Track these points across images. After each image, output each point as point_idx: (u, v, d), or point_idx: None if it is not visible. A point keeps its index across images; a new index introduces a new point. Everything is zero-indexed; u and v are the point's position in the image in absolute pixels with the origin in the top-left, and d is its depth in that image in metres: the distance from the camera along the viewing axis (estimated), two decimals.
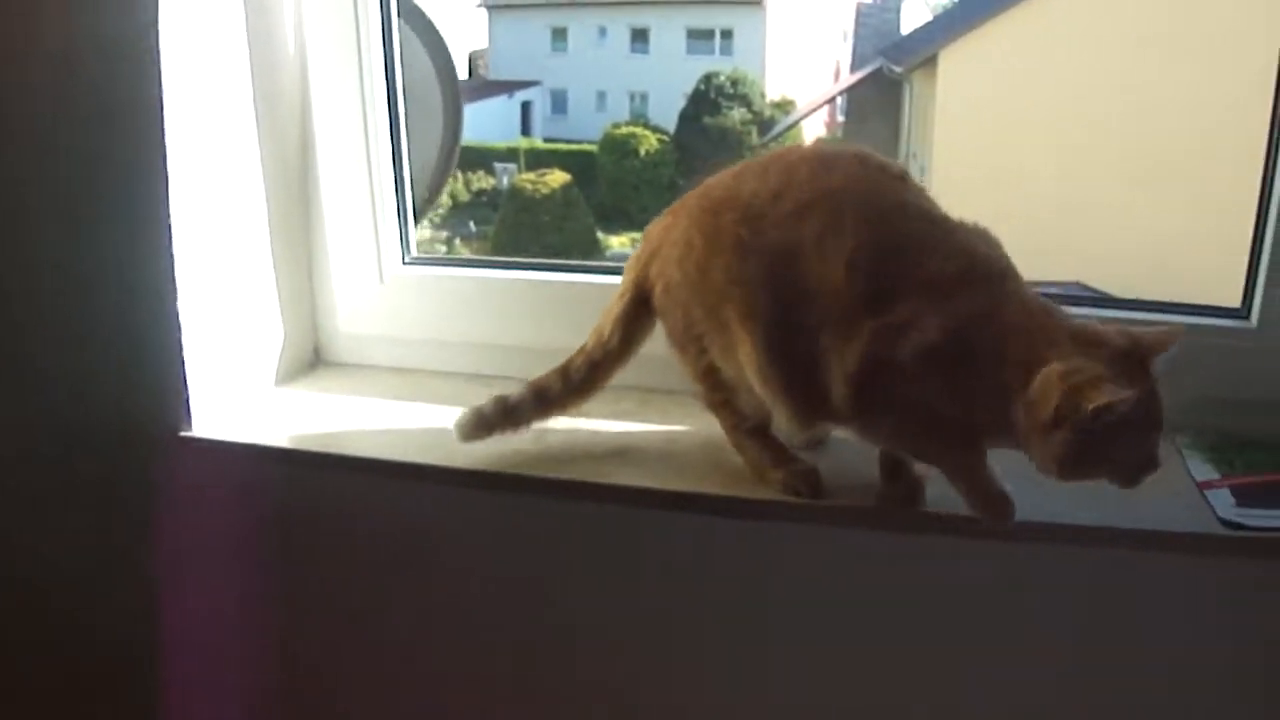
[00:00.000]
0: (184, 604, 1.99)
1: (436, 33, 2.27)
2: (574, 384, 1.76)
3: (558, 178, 5.42)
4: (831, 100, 5.78)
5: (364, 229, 2.05)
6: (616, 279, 1.78)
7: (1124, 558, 1.67)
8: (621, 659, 1.93)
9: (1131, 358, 1.40)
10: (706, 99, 5.81)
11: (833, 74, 5.97)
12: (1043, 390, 1.37)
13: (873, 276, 1.47)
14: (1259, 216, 1.83)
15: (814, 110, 5.74)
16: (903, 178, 1.56)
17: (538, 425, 1.77)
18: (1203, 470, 1.72)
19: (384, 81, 2.02)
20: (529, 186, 5.56)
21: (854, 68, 5.70)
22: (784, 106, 5.87)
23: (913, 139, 5.01)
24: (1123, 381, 1.35)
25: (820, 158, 1.57)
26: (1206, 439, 1.81)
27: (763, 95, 5.83)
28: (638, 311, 1.73)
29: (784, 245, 1.52)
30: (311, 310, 2.07)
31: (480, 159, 5.94)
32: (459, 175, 5.70)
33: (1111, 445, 1.38)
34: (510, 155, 6.11)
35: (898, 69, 5.11)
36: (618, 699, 1.96)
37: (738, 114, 5.77)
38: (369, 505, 1.92)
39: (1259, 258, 1.83)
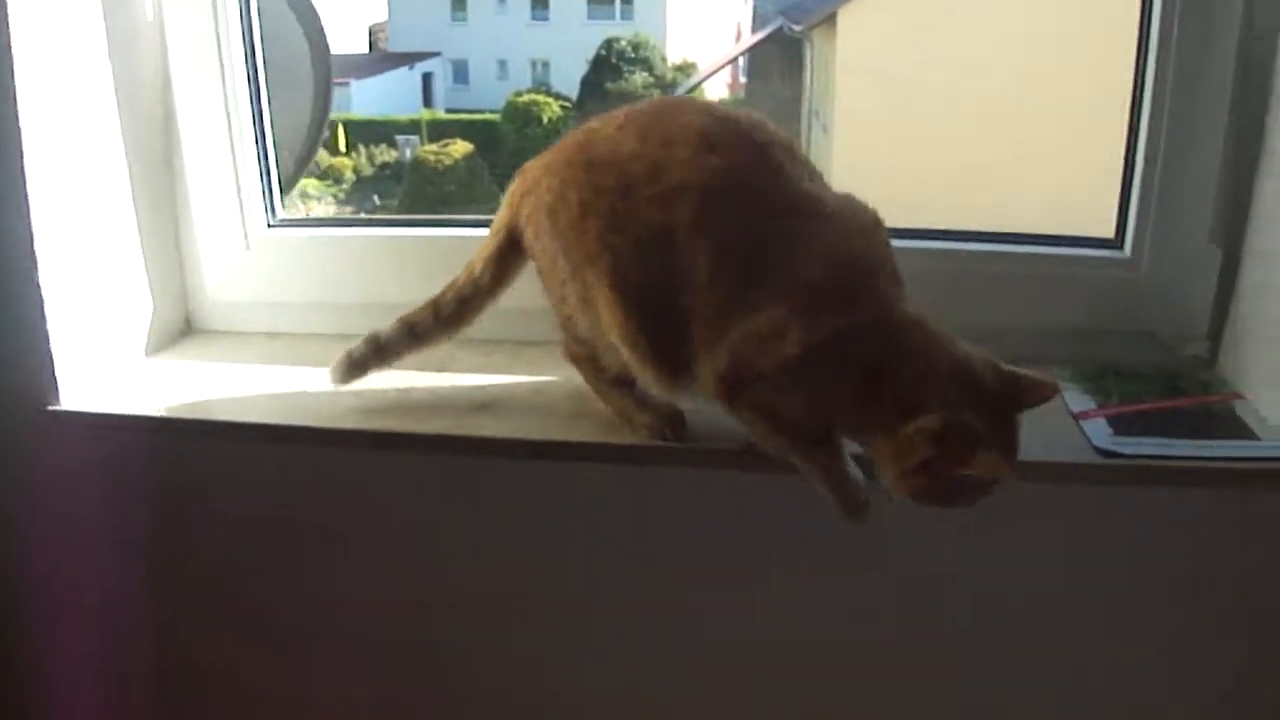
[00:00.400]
0: (58, 579, 1.97)
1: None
2: (444, 318, 1.73)
3: (460, 148, 5.38)
4: (733, 61, 5.77)
5: (228, 195, 2.00)
6: (483, 232, 1.75)
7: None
8: (503, 607, 1.92)
9: (1005, 404, 1.41)
10: (608, 64, 5.79)
11: (734, 35, 5.96)
12: (915, 441, 1.37)
13: (740, 279, 1.45)
14: (1128, 150, 1.85)
15: (715, 72, 5.73)
16: (789, 153, 1.53)
17: (409, 361, 1.77)
18: (1080, 402, 1.73)
19: (243, 48, 1.97)
20: (431, 158, 5.52)
21: (754, 28, 5.68)
22: (686, 69, 5.86)
23: (815, 96, 5.01)
24: (992, 432, 1.36)
25: (704, 134, 1.50)
26: (1086, 371, 1.82)
27: (664, 59, 5.81)
28: (510, 249, 1.70)
29: (656, 225, 1.49)
30: (180, 278, 2.03)
31: (382, 132, 5.90)
32: (362, 149, 5.66)
33: (966, 487, 1.40)
34: (412, 127, 6.07)
35: (798, 28, 5.11)
36: (503, 648, 1.95)
37: (640, 78, 5.75)
38: (243, 470, 1.89)
39: (1130, 189, 1.85)
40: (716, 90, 5.86)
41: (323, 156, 5.14)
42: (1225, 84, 1.74)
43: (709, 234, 1.45)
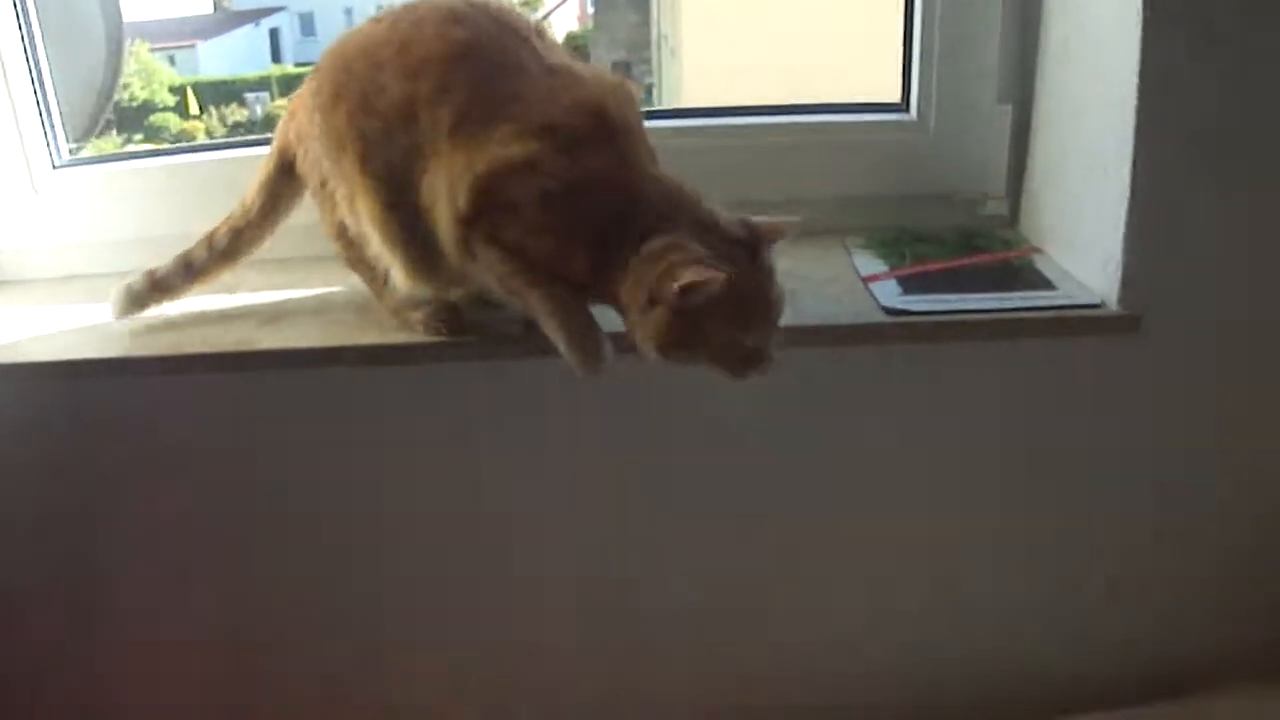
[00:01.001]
0: None
1: None
2: (219, 251, 1.72)
3: None
4: None
5: (8, 141, 1.94)
6: (250, 151, 1.79)
7: (793, 355, 1.65)
8: (325, 516, 1.89)
9: (745, 246, 1.39)
10: None
11: None
12: (639, 269, 1.36)
13: (481, 121, 1.44)
14: (907, 11, 1.85)
15: (562, 3, 5.69)
16: (538, 32, 1.53)
17: (191, 294, 1.75)
18: (871, 266, 1.73)
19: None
20: (283, 112, 5.46)
21: None
22: (532, 3, 5.81)
23: (662, 22, 5.02)
24: (725, 267, 1.33)
25: (452, 11, 1.50)
26: (879, 237, 1.83)
27: None
28: (281, 177, 1.69)
29: (402, 101, 1.48)
30: None
31: (232, 92, 5.80)
32: (213, 111, 5.57)
33: (708, 329, 1.37)
34: (262, 84, 5.98)
35: None
36: (327, 557, 1.92)
37: None
38: (48, 409, 1.83)
39: (910, 51, 1.85)
40: (566, 23, 5.82)
41: (174, 121, 5.05)
42: None
43: (452, 95, 1.44)
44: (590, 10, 5.66)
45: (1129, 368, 1.70)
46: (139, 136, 3.40)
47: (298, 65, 6.19)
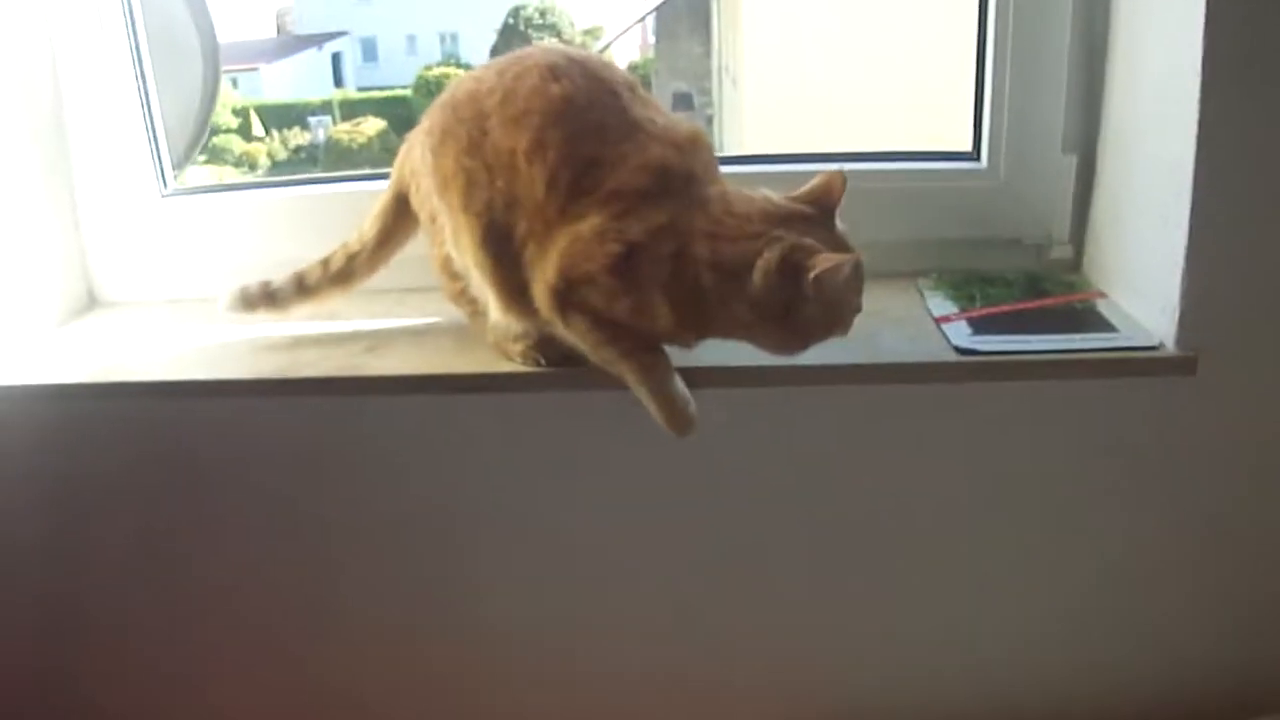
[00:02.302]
0: None
1: None
2: (332, 274, 1.86)
3: (373, 126, 5.41)
4: (641, 22, 5.83)
5: (120, 170, 2.09)
6: (369, 185, 1.93)
7: (864, 392, 1.80)
8: (416, 536, 2.02)
9: (818, 220, 1.54)
10: (516, 32, 5.83)
11: None
12: (764, 282, 1.49)
13: (569, 196, 1.57)
14: (978, 66, 1.98)
15: (623, 34, 5.79)
16: (629, 86, 1.66)
17: (301, 311, 1.89)
18: (943, 307, 1.85)
19: (124, 23, 2.06)
20: (345, 137, 5.56)
21: None
22: (594, 33, 5.91)
23: (723, 51, 5.08)
24: (828, 245, 1.48)
25: (552, 68, 1.63)
26: (950, 279, 1.95)
27: (572, 24, 5.85)
28: (397, 208, 1.83)
29: (503, 150, 1.61)
30: (81, 255, 2.12)
31: (294, 115, 5.92)
32: (275, 134, 5.68)
33: (840, 305, 1.53)
34: (325, 108, 6.09)
35: None
36: (414, 578, 2.05)
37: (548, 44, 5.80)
38: (153, 428, 1.96)
39: (982, 103, 1.98)
40: (627, 53, 5.91)
41: (237, 143, 5.18)
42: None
43: (546, 155, 1.57)
44: (652, 40, 5.77)
45: (1186, 407, 1.79)
46: (202, 158, 3.54)
47: (360, 89, 6.33)
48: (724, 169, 1.67)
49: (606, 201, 1.55)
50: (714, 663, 2.05)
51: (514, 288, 1.65)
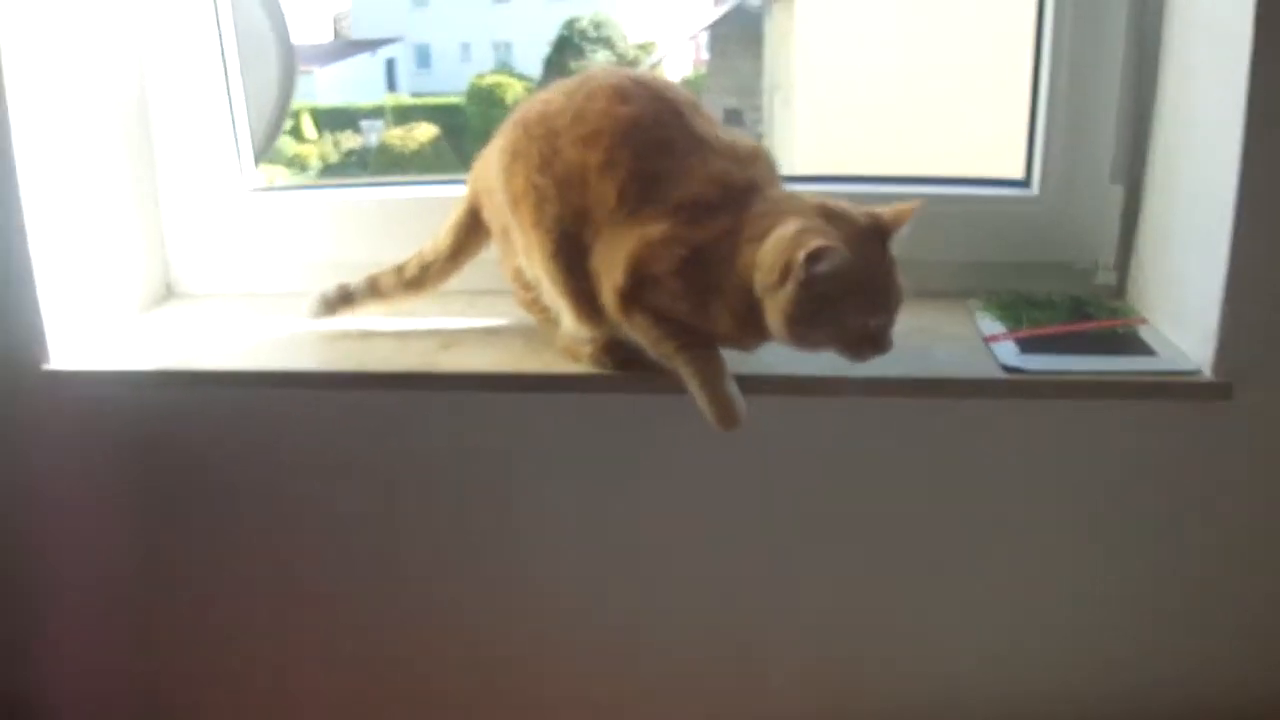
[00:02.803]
0: (58, 535, 2.15)
1: None
2: (406, 280, 1.99)
3: (425, 131, 5.50)
4: (693, 38, 5.92)
5: (205, 166, 2.22)
6: (440, 190, 2.08)
7: (916, 405, 1.91)
8: (468, 528, 2.13)
9: (872, 234, 1.62)
10: (570, 44, 5.91)
11: (694, 12, 6.09)
12: (770, 250, 1.59)
13: (638, 206, 1.69)
14: (1032, 98, 2.09)
15: (676, 48, 5.89)
16: (692, 106, 1.77)
17: (374, 312, 2.02)
18: (992, 327, 1.96)
19: (214, 27, 2.19)
20: (397, 142, 5.66)
21: (715, 4, 5.81)
22: (647, 48, 5.99)
23: (775, 69, 5.14)
24: (857, 251, 1.55)
25: (619, 89, 1.75)
26: (999, 299, 2.05)
27: (625, 37, 5.93)
28: (471, 220, 1.96)
29: (574, 166, 1.73)
30: (161, 246, 2.24)
31: (347, 119, 6.02)
32: (327, 137, 5.79)
33: (836, 306, 1.58)
34: (377, 113, 6.19)
35: (757, 2, 5.24)
36: (476, 572, 2.16)
37: (602, 56, 5.87)
38: (229, 416, 2.08)
39: (1034, 131, 2.08)
40: (679, 67, 5.99)
41: (289, 144, 5.27)
42: (1119, 37, 1.97)
43: (617, 172, 1.69)
44: (704, 55, 5.86)
45: (1221, 431, 1.89)
46: None
47: (412, 95, 6.43)
48: (807, 187, 1.79)
49: (673, 211, 1.66)
50: (763, 655, 2.16)
51: (585, 297, 1.76)
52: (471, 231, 1.96)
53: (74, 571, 2.18)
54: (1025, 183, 2.11)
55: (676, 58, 5.85)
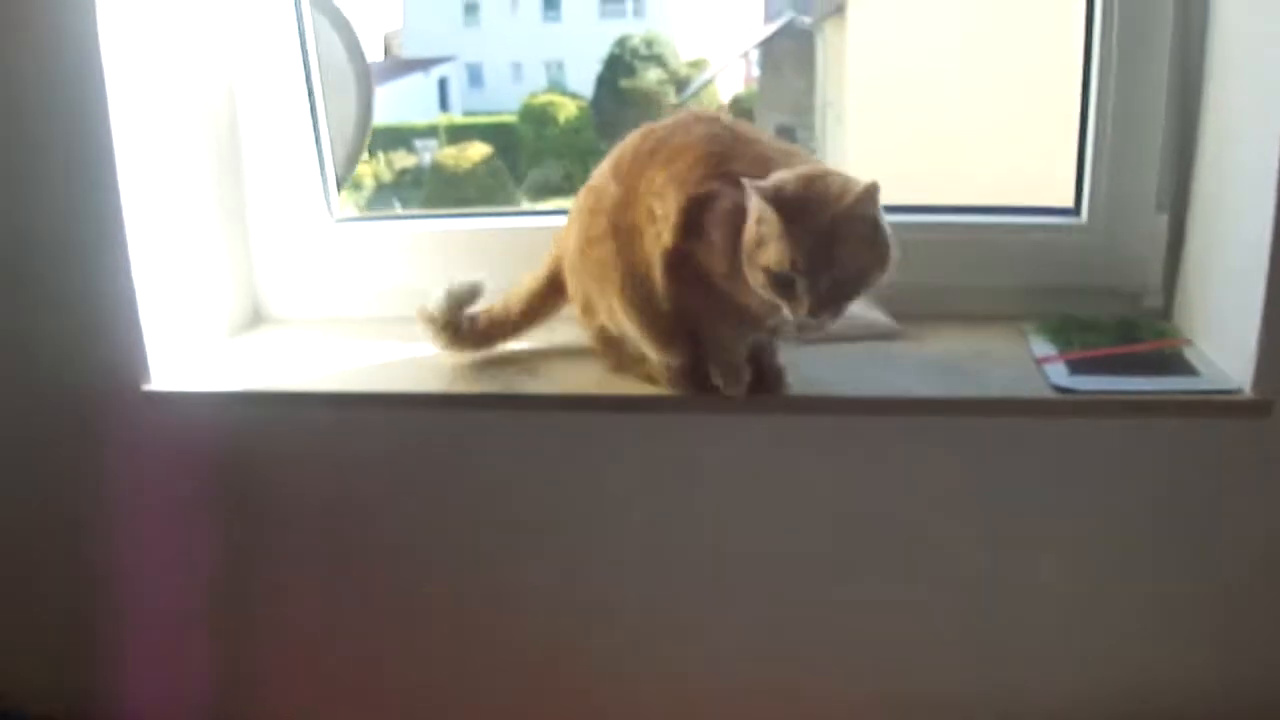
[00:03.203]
0: (152, 548, 2.30)
1: (344, 17, 2.52)
2: (476, 331, 2.15)
3: (479, 151, 5.59)
4: (745, 55, 5.99)
5: (291, 194, 2.38)
6: (516, 221, 2.29)
7: (971, 424, 2.04)
8: (550, 542, 2.27)
9: (820, 204, 1.66)
10: (622, 62, 5.99)
11: (745, 29, 6.18)
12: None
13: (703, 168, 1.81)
14: (1081, 131, 2.21)
15: (727, 66, 5.96)
16: (755, 141, 1.85)
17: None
18: (1044, 349, 2.08)
19: (300, 61, 2.35)
20: (451, 162, 5.75)
21: (766, 21, 5.90)
22: (699, 65, 6.06)
23: (827, 87, 5.22)
24: (783, 207, 1.63)
25: (686, 120, 1.88)
26: (1051, 323, 2.17)
27: (677, 55, 6.01)
28: (549, 291, 2.12)
29: (629, 227, 1.89)
30: (249, 272, 2.39)
31: (400, 138, 6.12)
32: (381, 156, 5.89)
33: (751, 255, 1.69)
34: (430, 132, 6.28)
35: (808, 20, 5.33)
36: (565, 589, 2.29)
37: (654, 75, 5.96)
38: (320, 438, 2.20)
39: (1084, 162, 2.20)
40: (731, 85, 6.06)
41: None
42: (1163, 68, 2.09)
43: (686, 156, 1.84)
44: (755, 73, 5.94)
45: (1262, 449, 2.00)
46: None
47: (465, 114, 6.52)
48: None
49: (720, 178, 1.78)
50: (812, 665, 2.28)
51: (665, 331, 1.90)
52: (549, 300, 2.11)
53: (161, 581, 2.33)
54: (1075, 211, 2.23)
55: (728, 75, 5.93)
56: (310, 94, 2.37)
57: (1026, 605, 2.17)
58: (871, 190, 1.62)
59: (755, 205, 1.65)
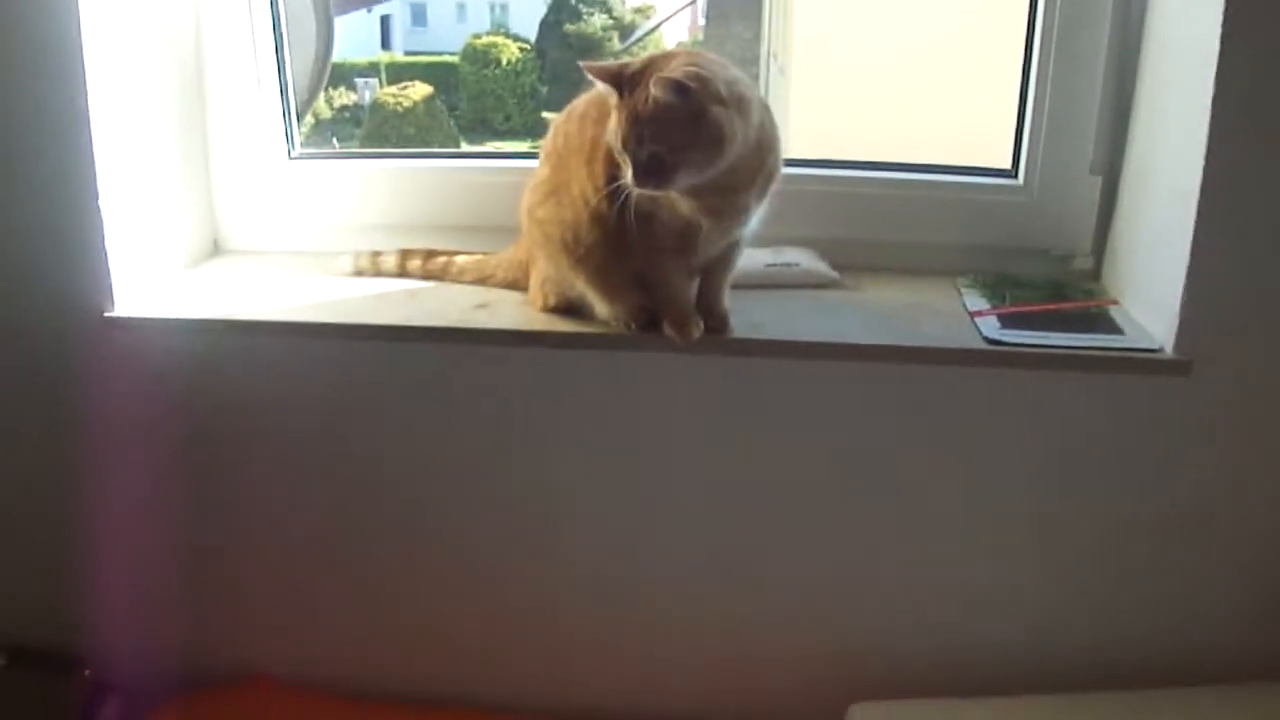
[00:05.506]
0: (115, 471, 2.37)
1: None
2: (426, 269, 2.34)
3: (419, 90, 5.62)
4: (692, 3, 6.05)
5: (252, 130, 2.46)
6: (464, 163, 2.50)
7: (906, 371, 2.16)
8: (495, 472, 2.37)
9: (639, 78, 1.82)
10: (567, 6, 6.02)
11: None
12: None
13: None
14: (1020, 96, 2.35)
15: (674, 15, 6.03)
16: None
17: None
18: (977, 303, 2.22)
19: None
20: (391, 100, 5.80)
21: None
22: (645, 11, 6.11)
23: (773, 39, 5.31)
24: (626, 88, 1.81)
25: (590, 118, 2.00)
26: (984, 279, 2.32)
27: (623, 1, 6.08)
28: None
29: (563, 184, 2.03)
30: (209, 204, 2.49)
31: (341, 75, 6.15)
32: (321, 93, 5.93)
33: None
34: (371, 70, 6.31)
35: None
36: (507, 512, 2.39)
37: (599, 20, 6.01)
38: (276, 364, 2.30)
39: (1022, 126, 2.35)
40: (677, 33, 6.13)
41: None
42: (1102, 40, 2.22)
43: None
44: (701, 22, 6.02)
45: (1181, 404, 2.12)
46: None
47: (407, 54, 6.55)
48: (801, 170, 2.15)
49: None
50: (754, 595, 2.39)
51: (612, 284, 2.05)
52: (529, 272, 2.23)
53: (123, 505, 2.40)
54: (1013, 173, 2.37)
55: (674, 23, 5.98)
56: (276, 28, 2.44)
57: (953, 542, 2.30)
58: (672, 80, 1.74)
59: (602, 90, 1.83)
